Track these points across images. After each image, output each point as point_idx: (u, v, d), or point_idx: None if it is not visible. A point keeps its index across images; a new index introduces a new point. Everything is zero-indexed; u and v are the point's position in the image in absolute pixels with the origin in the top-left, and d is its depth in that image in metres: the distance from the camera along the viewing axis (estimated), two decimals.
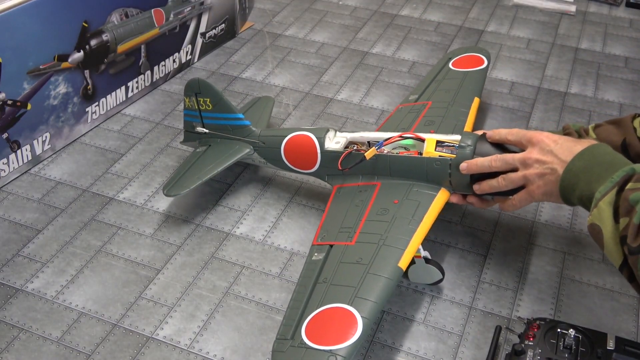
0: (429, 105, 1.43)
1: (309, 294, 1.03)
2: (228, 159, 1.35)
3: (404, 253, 1.06)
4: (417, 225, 1.10)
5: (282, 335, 0.99)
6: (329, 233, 1.15)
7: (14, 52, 1.33)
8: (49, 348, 1.10)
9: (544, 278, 1.24)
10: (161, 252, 1.27)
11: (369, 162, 1.21)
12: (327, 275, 1.05)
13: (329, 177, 1.28)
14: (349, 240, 1.11)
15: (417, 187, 1.17)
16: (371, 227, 1.12)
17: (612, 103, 1.74)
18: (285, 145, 1.31)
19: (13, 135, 1.40)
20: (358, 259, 1.06)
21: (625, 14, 2.20)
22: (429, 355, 1.09)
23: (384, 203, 1.16)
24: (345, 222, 1.15)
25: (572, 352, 0.99)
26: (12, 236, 1.30)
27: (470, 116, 1.38)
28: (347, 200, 1.21)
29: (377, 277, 1.02)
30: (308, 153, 1.28)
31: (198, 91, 1.37)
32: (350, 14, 2.13)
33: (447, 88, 1.49)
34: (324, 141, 1.26)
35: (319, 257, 1.10)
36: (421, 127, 1.35)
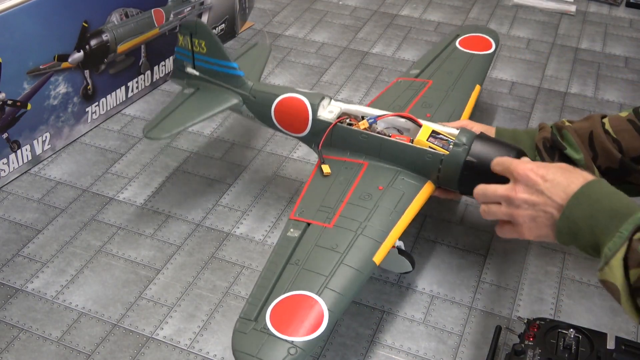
0: (429, 85, 1.38)
1: (278, 274, 1.00)
2: (215, 107, 1.31)
3: (381, 247, 1.04)
4: (398, 218, 1.08)
5: (246, 314, 0.96)
6: (307, 209, 1.11)
7: (14, 52, 1.33)
8: (49, 348, 1.10)
9: (544, 278, 1.24)
10: (161, 252, 1.27)
11: (359, 139, 1.17)
12: (300, 256, 1.03)
13: (315, 146, 1.25)
14: (327, 221, 1.08)
15: (403, 176, 1.15)
16: (352, 211, 1.09)
17: (612, 103, 1.74)
18: (277, 105, 1.27)
19: (13, 135, 1.40)
20: (334, 245, 1.04)
21: (625, 14, 2.20)
22: (429, 355, 1.09)
23: (368, 187, 1.13)
24: (326, 200, 1.12)
25: (572, 352, 0.98)
26: (12, 236, 1.30)
27: (469, 104, 1.34)
28: (331, 174, 1.18)
29: (350, 269, 1.00)
30: (299, 118, 1.24)
31: (194, 31, 1.33)
32: (350, 14, 2.13)
33: (450, 69, 1.44)
34: (317, 108, 1.23)
35: (295, 234, 1.06)
36: (417, 108, 1.31)
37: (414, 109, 1.31)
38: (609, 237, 0.85)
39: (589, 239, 0.88)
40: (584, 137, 1.12)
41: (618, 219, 0.85)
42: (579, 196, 0.89)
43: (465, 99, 1.34)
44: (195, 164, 1.48)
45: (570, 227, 0.89)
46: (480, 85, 1.41)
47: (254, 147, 1.54)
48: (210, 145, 1.54)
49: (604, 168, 1.12)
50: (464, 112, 1.32)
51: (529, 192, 0.93)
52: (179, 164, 1.48)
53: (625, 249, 0.82)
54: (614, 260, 0.83)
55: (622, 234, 0.83)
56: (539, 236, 0.95)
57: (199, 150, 1.52)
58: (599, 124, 1.13)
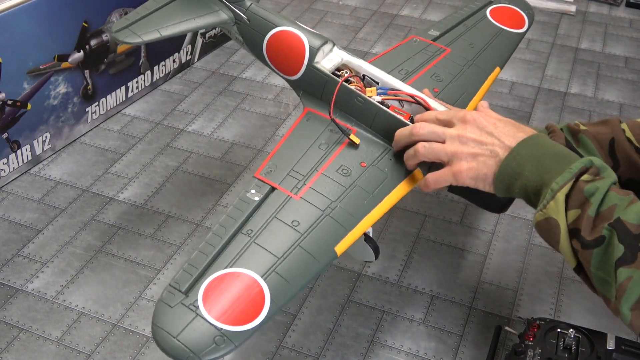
0: (446, 53, 1.23)
1: (225, 242, 0.87)
2: (201, 20, 1.16)
3: (347, 236, 0.91)
4: (373, 205, 0.95)
5: (177, 282, 0.83)
6: (276, 170, 0.97)
7: (14, 52, 1.33)
8: (49, 348, 1.10)
9: (544, 278, 1.24)
10: (161, 252, 1.27)
11: (354, 102, 1.04)
12: (254, 226, 0.89)
13: (303, 94, 1.11)
14: (294, 191, 0.94)
15: (392, 155, 1.01)
16: (324, 185, 0.96)
17: (612, 103, 1.74)
18: (272, 37, 1.13)
19: (13, 135, 1.40)
20: (295, 221, 0.90)
21: (625, 14, 2.20)
22: (429, 355, 1.10)
23: (349, 160, 0.99)
24: (300, 164, 0.98)
25: (572, 352, 0.99)
26: (12, 236, 1.30)
27: (483, 89, 1.21)
28: (312, 133, 1.03)
29: (307, 255, 0.87)
30: (293, 58, 1.10)
31: None
32: (350, 14, 2.13)
33: (473, 41, 1.28)
34: (316, 53, 1.08)
35: (255, 197, 0.93)
36: (426, 79, 1.17)
37: (422, 78, 1.17)
38: (556, 174, 0.85)
39: (532, 180, 0.86)
40: (604, 143, 1.05)
41: (566, 161, 0.86)
42: (528, 140, 0.89)
43: (480, 80, 1.21)
44: (195, 164, 1.48)
45: (513, 166, 0.88)
46: (501, 69, 1.27)
47: (254, 147, 1.54)
48: (210, 145, 1.54)
49: (624, 179, 1.04)
50: (475, 98, 1.19)
51: (479, 133, 0.92)
52: (179, 164, 1.48)
53: (569, 187, 0.83)
54: (560, 194, 0.83)
55: (572, 170, 0.84)
56: (477, 177, 0.91)
57: (199, 150, 1.52)
58: (620, 130, 1.05)
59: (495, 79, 1.82)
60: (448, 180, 0.93)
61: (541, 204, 0.85)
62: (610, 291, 0.80)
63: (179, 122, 1.62)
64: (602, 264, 0.80)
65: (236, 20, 1.16)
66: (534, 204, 0.88)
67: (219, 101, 1.69)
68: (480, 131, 0.92)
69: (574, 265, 0.85)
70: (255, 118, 1.63)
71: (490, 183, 0.90)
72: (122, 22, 1.13)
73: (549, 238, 0.86)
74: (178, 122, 1.61)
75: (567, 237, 0.83)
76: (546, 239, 0.87)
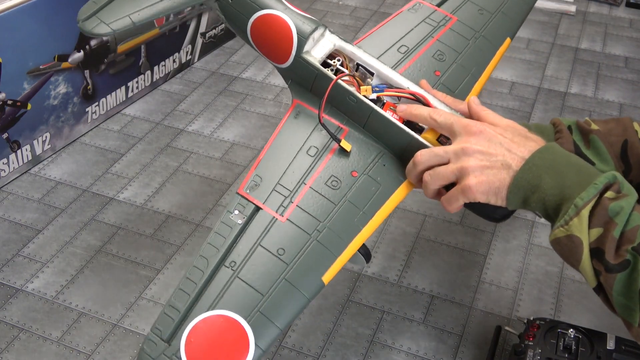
0: (452, 23, 1.10)
1: (208, 277, 0.81)
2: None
3: (334, 263, 0.84)
4: (364, 223, 0.88)
5: (158, 328, 0.79)
6: (261, 184, 0.89)
7: (14, 52, 1.33)
8: (49, 348, 1.10)
9: (544, 278, 1.24)
10: (161, 252, 1.27)
11: (346, 100, 0.94)
12: (238, 257, 0.82)
13: (292, 83, 1.01)
14: (280, 211, 0.86)
15: (386, 160, 0.93)
16: (312, 202, 0.87)
17: (612, 103, 1.74)
18: (256, 20, 1.00)
19: (13, 135, 1.40)
20: (280, 249, 0.83)
21: (625, 14, 2.20)
22: (429, 355, 1.09)
23: (339, 170, 0.90)
24: (285, 177, 0.89)
25: (572, 352, 0.99)
26: (12, 236, 1.30)
27: (491, 66, 1.08)
28: (301, 134, 0.94)
29: (293, 289, 0.81)
30: (280, 46, 0.99)
31: None
32: (350, 14, 2.13)
33: (483, 5, 1.14)
34: (305, 42, 0.97)
35: (238, 219, 0.85)
36: (427, 58, 1.05)
37: (424, 58, 1.05)
38: (579, 188, 0.78)
39: (551, 193, 0.80)
40: (616, 146, 0.99)
41: (587, 174, 0.80)
42: (543, 150, 0.83)
43: (487, 57, 1.08)
44: (195, 164, 1.48)
45: (530, 179, 0.81)
46: (512, 39, 1.13)
47: (254, 147, 1.54)
48: (210, 145, 1.54)
49: (635, 183, 0.95)
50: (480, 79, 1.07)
51: (486, 145, 0.84)
52: (179, 164, 1.48)
53: (593, 204, 0.78)
54: (585, 210, 0.77)
55: (597, 185, 0.78)
56: (488, 191, 0.83)
57: (199, 150, 1.52)
58: (633, 131, 0.99)
59: (495, 78, 1.80)
60: (460, 199, 0.85)
61: (562, 220, 0.79)
62: (633, 317, 0.77)
63: (179, 122, 1.62)
64: (625, 289, 0.76)
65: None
66: (552, 218, 0.82)
67: (219, 101, 1.69)
68: (488, 142, 0.85)
69: (594, 286, 0.79)
70: (255, 118, 1.63)
71: (504, 197, 0.84)
72: (89, 6, 1.00)
73: (569, 256, 0.80)
74: (178, 122, 1.61)
75: (589, 256, 0.78)
76: (565, 256, 0.81)
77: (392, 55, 1.03)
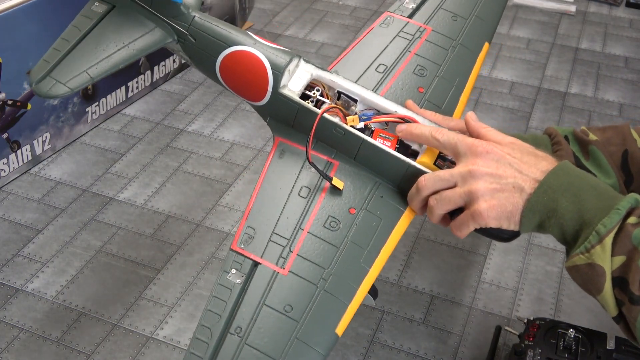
0: (427, 34, 1.04)
1: (214, 349, 0.74)
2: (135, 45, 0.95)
3: (347, 311, 0.78)
4: (371, 262, 0.82)
5: None
6: (255, 236, 0.82)
7: (14, 52, 1.33)
8: (49, 348, 1.10)
9: (544, 278, 1.24)
10: (161, 252, 1.27)
11: (332, 133, 0.88)
12: (243, 322, 0.76)
13: (272, 120, 0.94)
14: (280, 263, 0.80)
15: (382, 191, 0.87)
16: (313, 248, 0.81)
17: (612, 103, 1.74)
18: (225, 59, 0.93)
19: (13, 135, 1.40)
20: (287, 306, 0.77)
21: (625, 14, 2.20)
22: (429, 355, 1.10)
23: (336, 208, 0.85)
24: (280, 224, 0.83)
25: (572, 352, 0.98)
26: (12, 236, 1.30)
27: (473, 75, 1.03)
28: (289, 175, 0.87)
29: (307, 348, 0.75)
30: (254, 84, 0.92)
31: None
32: (350, 14, 2.13)
33: (456, 11, 1.09)
34: (282, 77, 0.90)
35: (237, 279, 0.79)
36: (408, 74, 0.99)
37: (404, 75, 0.99)
38: (600, 213, 0.74)
39: (569, 217, 0.76)
40: (616, 156, 0.95)
41: (607, 197, 0.75)
42: (557, 171, 0.78)
43: (469, 66, 1.03)
44: (195, 164, 1.48)
45: (546, 203, 0.77)
46: (490, 43, 1.09)
47: (254, 147, 1.54)
48: (210, 145, 1.54)
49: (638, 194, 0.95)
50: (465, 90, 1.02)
51: (494, 166, 0.79)
52: (179, 164, 1.48)
53: (616, 231, 0.73)
54: (608, 238, 0.73)
55: (620, 211, 0.73)
56: (500, 216, 0.79)
57: (199, 150, 1.52)
58: (632, 140, 0.95)
59: (495, 78, 1.80)
60: (469, 225, 0.81)
61: (582, 247, 0.74)
62: None
63: (179, 122, 1.62)
64: None
65: (179, 39, 0.96)
66: (569, 243, 0.78)
67: (219, 101, 1.69)
68: (497, 163, 0.79)
69: (614, 315, 0.75)
70: (255, 118, 1.63)
71: (517, 222, 0.79)
72: (41, 67, 0.93)
73: (589, 284, 0.75)
74: (178, 122, 1.61)
75: (611, 285, 0.74)
76: (584, 285, 0.76)
77: (371, 76, 0.98)
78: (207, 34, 0.94)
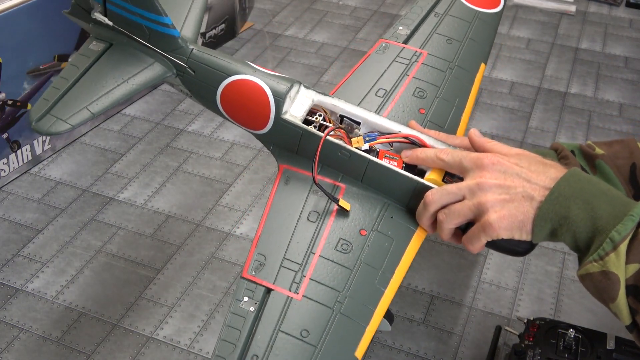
0: (423, 57, 1.05)
1: None
2: (135, 80, 0.95)
3: (365, 333, 0.76)
4: (386, 283, 0.81)
5: None
6: (266, 263, 0.80)
7: (14, 52, 1.33)
8: (49, 348, 1.10)
9: (544, 278, 1.24)
10: (161, 252, 1.27)
11: (337, 155, 0.88)
12: (259, 351, 0.73)
13: (275, 148, 0.93)
14: (294, 289, 0.78)
15: (392, 212, 0.86)
16: (326, 272, 0.80)
17: (612, 103, 1.74)
18: (225, 89, 0.93)
19: (13, 135, 1.40)
20: (304, 331, 0.75)
21: (625, 14, 2.20)
22: (429, 355, 1.10)
23: (347, 231, 0.84)
24: (291, 250, 0.82)
25: (572, 352, 0.98)
26: (12, 236, 1.30)
27: (473, 93, 1.05)
28: (296, 201, 0.86)
29: None
30: (256, 112, 0.92)
31: None
32: (350, 14, 2.13)
33: (449, 34, 1.10)
34: (284, 103, 0.90)
35: (250, 307, 0.77)
36: (408, 97, 1.00)
37: (405, 97, 1.00)
38: (614, 220, 0.73)
39: (582, 225, 0.75)
40: (624, 169, 0.94)
41: (620, 203, 0.74)
42: (568, 178, 0.77)
43: (467, 86, 1.04)
44: (195, 164, 1.48)
45: (558, 210, 0.76)
46: (485, 64, 1.10)
47: (254, 147, 1.54)
48: (210, 145, 1.54)
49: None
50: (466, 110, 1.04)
51: (502, 177, 0.78)
52: (179, 164, 1.48)
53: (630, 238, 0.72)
54: (623, 245, 0.71)
55: (634, 218, 0.72)
56: (510, 226, 0.78)
57: (199, 150, 1.52)
58: (639, 153, 0.94)
59: (495, 78, 1.80)
60: (481, 237, 0.79)
61: (595, 254, 0.73)
62: None
63: (179, 122, 1.62)
64: None
65: (178, 71, 0.96)
66: (582, 251, 0.76)
67: None
68: (504, 174, 0.79)
69: (628, 323, 0.74)
70: None
71: (529, 231, 0.78)
72: (41, 105, 0.92)
73: (602, 293, 0.74)
74: (178, 122, 1.61)
75: (625, 293, 0.72)
76: (597, 293, 0.75)
77: (372, 100, 0.98)
78: (207, 65, 0.94)
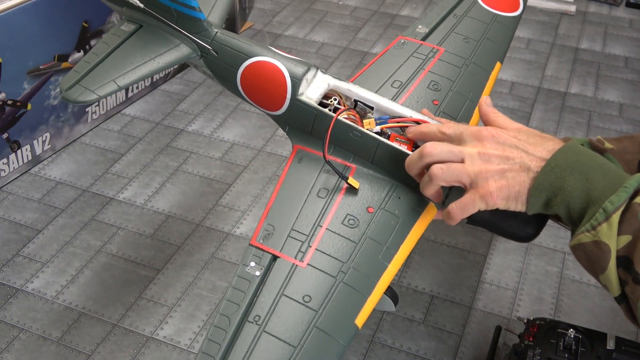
0: (440, 54, 1.09)
1: (232, 336, 0.76)
2: (162, 58, 1.01)
3: (366, 303, 0.80)
4: (389, 258, 0.84)
5: None
6: (274, 232, 0.85)
7: (14, 52, 1.33)
8: (49, 348, 1.10)
9: (544, 278, 1.24)
10: (161, 252, 1.27)
11: (349, 136, 0.92)
12: (261, 311, 0.77)
13: (291, 130, 0.98)
14: (299, 257, 0.82)
15: (400, 193, 0.90)
16: (332, 244, 0.84)
17: (612, 103, 1.74)
18: (246, 69, 0.99)
19: (13, 135, 1.40)
20: (306, 296, 0.79)
21: (625, 14, 2.20)
22: (429, 355, 1.10)
23: (354, 207, 0.87)
24: (299, 222, 0.86)
25: (572, 352, 0.98)
26: (12, 236, 1.30)
27: (486, 91, 1.08)
28: (307, 178, 0.91)
29: (326, 337, 0.76)
30: (274, 92, 0.97)
31: None
32: (350, 14, 2.13)
33: (467, 34, 1.14)
34: (300, 85, 0.95)
35: (255, 271, 0.81)
36: (423, 89, 1.03)
37: (419, 89, 1.03)
38: (608, 191, 0.74)
39: (576, 195, 0.76)
40: (633, 164, 0.95)
41: (615, 176, 0.75)
42: (565, 150, 0.78)
43: (482, 82, 1.07)
44: (195, 164, 1.48)
45: (553, 181, 0.77)
46: (501, 63, 1.14)
47: (254, 147, 1.54)
48: (210, 145, 1.54)
49: None
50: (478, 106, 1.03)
51: (502, 148, 0.80)
52: (179, 164, 1.48)
53: (623, 209, 0.73)
54: (615, 216, 0.73)
55: (628, 189, 0.73)
56: (507, 196, 0.79)
57: (199, 150, 1.52)
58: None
59: (495, 78, 1.80)
60: (477, 206, 0.81)
61: (588, 225, 0.75)
62: None
63: (179, 122, 1.62)
64: None
65: (202, 53, 1.02)
66: (575, 222, 0.78)
67: (219, 101, 1.69)
68: (503, 146, 0.81)
69: (616, 295, 0.75)
70: (255, 118, 1.63)
71: (524, 201, 0.79)
72: (71, 76, 0.98)
73: (593, 263, 0.75)
74: (178, 122, 1.61)
75: (615, 264, 0.73)
76: (587, 263, 0.77)
77: (387, 90, 1.02)
78: (229, 47, 1.00)
